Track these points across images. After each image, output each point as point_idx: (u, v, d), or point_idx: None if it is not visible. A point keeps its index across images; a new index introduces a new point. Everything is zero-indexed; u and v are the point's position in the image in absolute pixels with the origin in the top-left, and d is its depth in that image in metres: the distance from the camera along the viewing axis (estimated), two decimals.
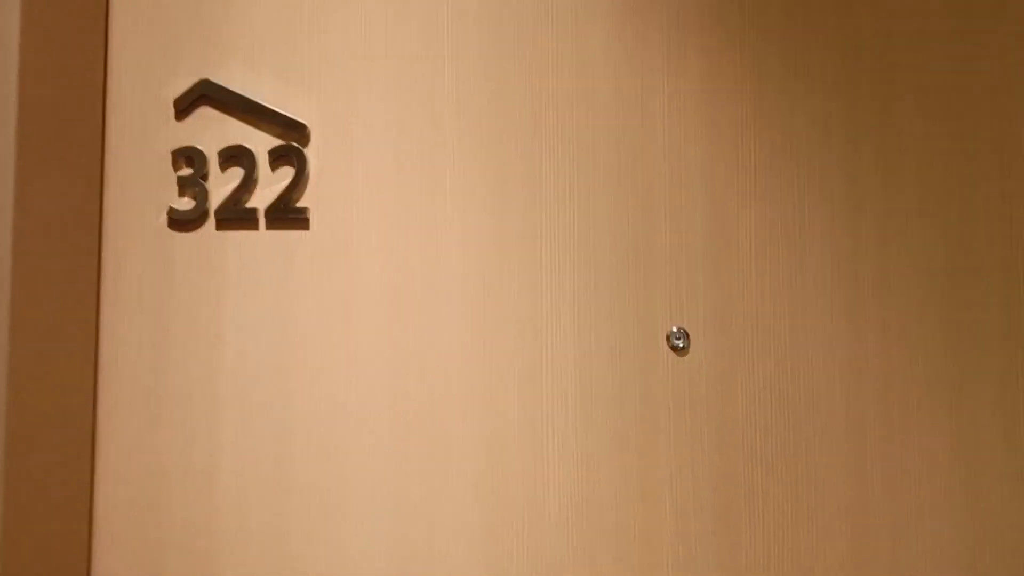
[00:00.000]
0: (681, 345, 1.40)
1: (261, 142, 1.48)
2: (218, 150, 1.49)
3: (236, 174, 1.48)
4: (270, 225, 1.48)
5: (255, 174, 1.48)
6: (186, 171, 1.49)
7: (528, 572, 1.40)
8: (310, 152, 1.47)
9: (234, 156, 1.48)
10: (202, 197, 1.48)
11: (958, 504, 1.36)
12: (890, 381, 1.38)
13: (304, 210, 1.47)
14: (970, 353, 1.37)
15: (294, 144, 1.47)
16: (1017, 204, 1.38)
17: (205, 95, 1.49)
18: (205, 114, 1.49)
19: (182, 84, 1.50)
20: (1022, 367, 1.36)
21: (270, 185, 1.48)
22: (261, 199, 1.48)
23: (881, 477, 1.37)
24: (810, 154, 1.42)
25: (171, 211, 1.49)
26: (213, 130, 1.49)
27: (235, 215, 1.47)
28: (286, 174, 1.47)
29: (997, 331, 1.37)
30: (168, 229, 1.49)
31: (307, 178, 1.47)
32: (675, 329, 1.40)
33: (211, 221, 1.48)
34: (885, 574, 1.36)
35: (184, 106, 1.49)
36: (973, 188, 1.39)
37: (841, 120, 1.41)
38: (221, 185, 1.48)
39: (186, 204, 1.49)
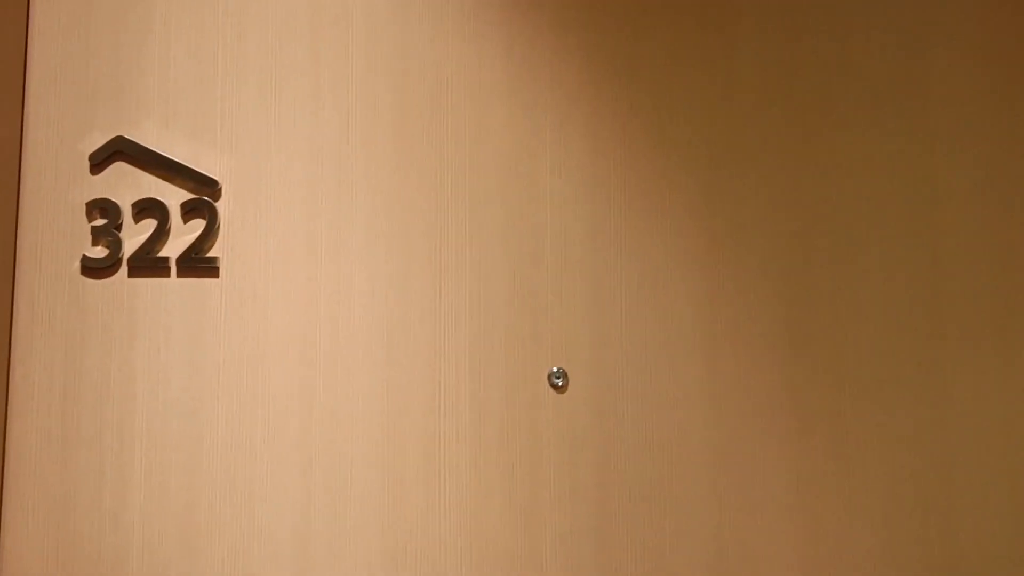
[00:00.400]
0: (560, 384, 1.54)
1: (174, 195, 1.55)
2: (132, 202, 1.54)
3: (149, 225, 1.54)
4: (181, 273, 1.54)
5: (167, 225, 1.54)
6: (100, 221, 1.54)
7: None
8: (221, 205, 1.55)
9: (147, 208, 1.54)
10: (115, 246, 1.53)
11: (798, 523, 1.53)
12: (742, 421, 1.54)
13: (214, 259, 1.54)
14: (806, 400, 1.55)
15: (206, 198, 1.54)
16: (837, 263, 1.58)
17: (120, 151, 1.54)
18: (120, 168, 1.55)
19: (98, 139, 1.55)
20: (848, 413, 1.55)
21: (182, 236, 1.54)
22: (173, 248, 1.54)
23: (735, 505, 1.53)
24: (674, 220, 1.58)
25: (84, 259, 1.53)
26: (127, 183, 1.55)
27: (147, 263, 1.53)
28: (197, 226, 1.54)
29: (828, 381, 1.55)
30: (81, 276, 1.53)
31: (218, 229, 1.55)
32: (555, 369, 1.54)
33: (124, 269, 1.53)
34: None
35: (99, 160, 1.54)
36: (804, 258, 1.58)
37: (701, 191, 1.58)
38: (134, 235, 1.54)
39: (100, 252, 1.53)
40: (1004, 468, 1.54)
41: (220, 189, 1.56)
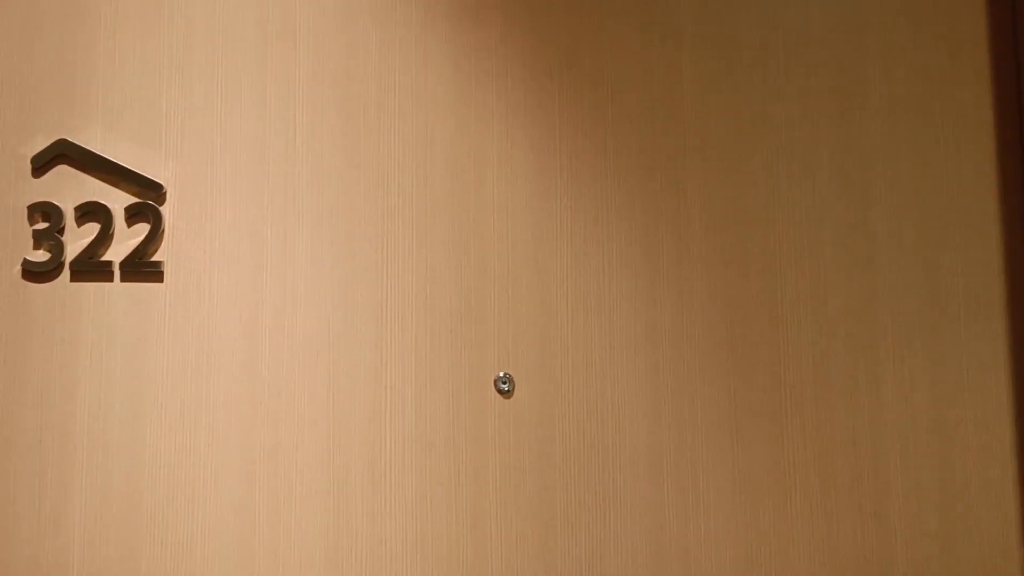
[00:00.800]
0: (507, 389, 1.56)
1: (118, 199, 1.55)
2: (75, 206, 1.53)
3: (92, 229, 1.54)
4: (124, 277, 1.54)
5: (111, 229, 1.54)
6: (42, 225, 1.53)
7: None
8: (166, 209, 1.55)
9: (91, 212, 1.54)
10: (57, 250, 1.52)
11: (737, 524, 1.57)
12: (683, 426, 1.58)
13: (159, 263, 1.54)
14: (745, 404, 1.59)
15: (150, 202, 1.54)
16: (781, 262, 1.63)
17: (63, 154, 1.54)
18: (63, 172, 1.54)
19: (40, 143, 1.54)
20: (788, 409, 1.60)
21: (126, 240, 1.54)
22: (116, 253, 1.54)
23: (675, 506, 1.57)
24: (617, 228, 1.61)
25: (25, 263, 1.52)
26: (70, 187, 1.54)
27: (90, 267, 1.53)
28: (142, 230, 1.54)
29: (766, 386, 1.59)
30: (22, 280, 1.53)
31: (162, 234, 1.55)
32: (502, 374, 1.57)
33: (66, 273, 1.53)
34: None
35: (41, 164, 1.54)
36: (744, 266, 1.62)
37: (643, 200, 1.61)
38: (77, 239, 1.53)
39: (41, 256, 1.53)
40: (935, 468, 1.59)
41: (165, 193, 1.55)
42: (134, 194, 1.55)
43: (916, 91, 1.65)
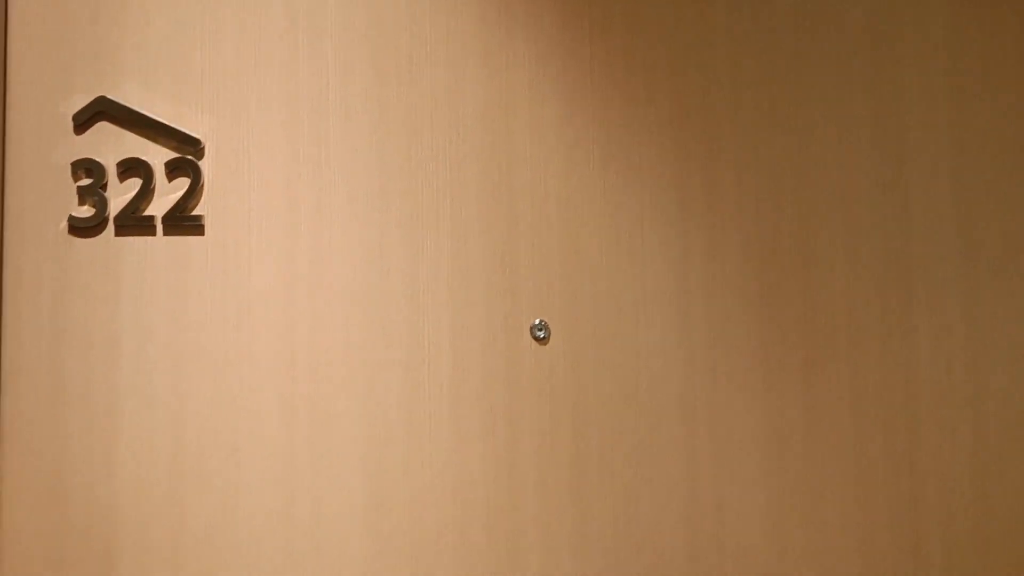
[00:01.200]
0: (543, 336, 1.58)
1: (157, 155, 1.58)
2: (116, 162, 1.57)
3: (134, 184, 1.57)
4: (167, 231, 1.57)
5: (152, 184, 1.57)
6: (85, 181, 1.56)
7: (409, 542, 1.54)
8: (204, 164, 1.58)
9: (132, 167, 1.57)
10: (101, 205, 1.56)
11: (768, 472, 1.59)
12: (716, 372, 1.59)
13: (199, 217, 1.57)
14: (779, 349, 1.60)
15: (189, 157, 1.57)
16: (814, 210, 1.63)
17: (102, 111, 1.57)
18: (103, 128, 1.57)
19: (80, 100, 1.57)
20: (821, 357, 1.61)
21: (167, 194, 1.57)
22: (158, 207, 1.57)
23: (708, 452, 1.59)
24: (649, 176, 1.62)
25: (71, 219, 1.56)
26: (111, 143, 1.57)
27: (133, 222, 1.56)
28: (182, 184, 1.57)
29: (799, 334, 1.60)
30: (68, 236, 1.56)
31: (202, 188, 1.58)
32: (537, 321, 1.59)
33: (110, 228, 1.56)
34: (712, 530, 1.57)
35: (82, 121, 1.56)
36: (776, 213, 1.62)
37: (674, 148, 1.62)
38: (120, 194, 1.57)
39: (86, 212, 1.56)
40: (968, 414, 1.60)
41: (203, 148, 1.58)
42: (172, 148, 1.58)
43: (953, 37, 1.64)
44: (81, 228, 1.56)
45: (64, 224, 1.57)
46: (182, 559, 1.53)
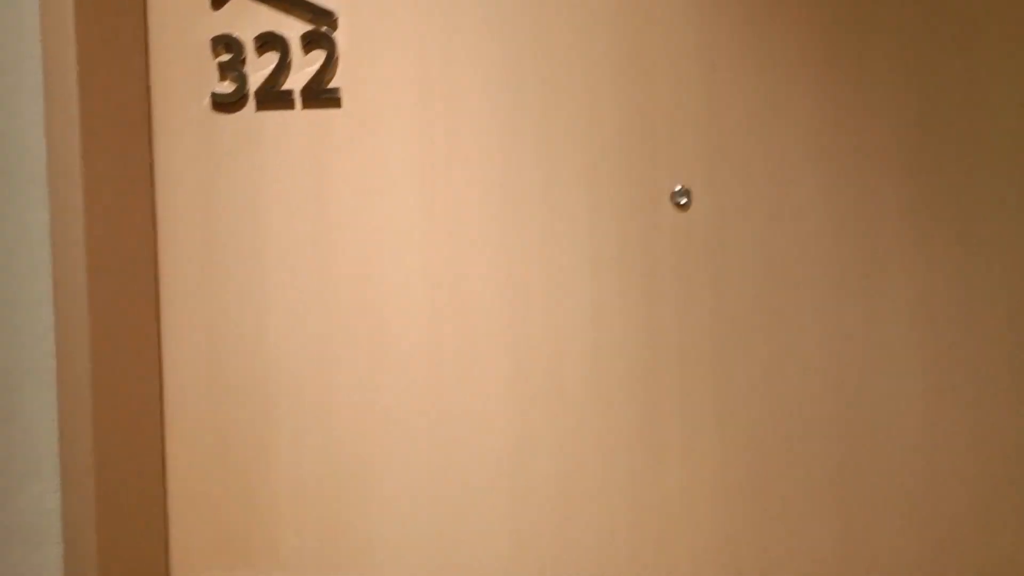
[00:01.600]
0: (684, 202, 1.54)
1: (292, 28, 1.58)
2: (253, 36, 1.58)
3: (271, 59, 1.58)
4: (305, 105, 1.58)
5: (288, 58, 1.58)
6: (225, 57, 1.59)
7: (553, 413, 1.56)
8: (339, 36, 1.58)
9: (268, 42, 1.58)
10: (241, 81, 1.58)
11: (922, 344, 1.52)
12: (864, 240, 1.51)
13: (336, 90, 1.58)
14: (930, 222, 1.50)
15: (323, 29, 1.58)
16: (969, 83, 1.51)
17: None
18: (239, 4, 1.58)
19: None
20: (973, 234, 1.50)
21: (303, 68, 1.58)
22: (296, 81, 1.58)
23: (855, 329, 1.52)
24: (796, 35, 1.53)
25: (214, 95, 1.59)
26: (247, 18, 1.58)
27: (273, 97, 1.58)
28: (318, 57, 1.58)
29: (953, 202, 1.50)
30: (212, 112, 1.60)
31: (337, 60, 1.58)
32: (678, 188, 1.55)
33: (251, 103, 1.59)
34: (858, 402, 1.52)
35: None
36: (934, 75, 1.51)
37: (824, 8, 1.53)
38: (258, 69, 1.59)
39: (227, 88, 1.59)
40: None
41: (336, 20, 1.58)
42: (307, 21, 1.58)
43: None
44: (223, 104, 1.59)
45: (207, 100, 1.60)
46: (334, 420, 1.59)
